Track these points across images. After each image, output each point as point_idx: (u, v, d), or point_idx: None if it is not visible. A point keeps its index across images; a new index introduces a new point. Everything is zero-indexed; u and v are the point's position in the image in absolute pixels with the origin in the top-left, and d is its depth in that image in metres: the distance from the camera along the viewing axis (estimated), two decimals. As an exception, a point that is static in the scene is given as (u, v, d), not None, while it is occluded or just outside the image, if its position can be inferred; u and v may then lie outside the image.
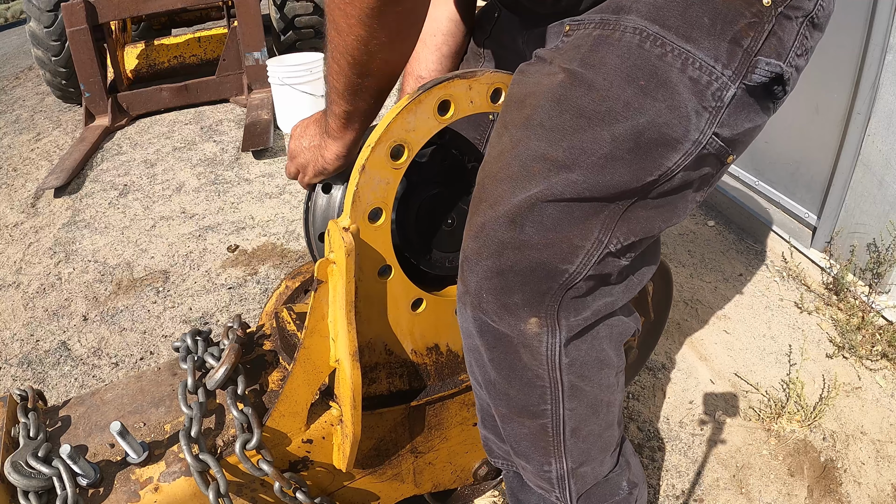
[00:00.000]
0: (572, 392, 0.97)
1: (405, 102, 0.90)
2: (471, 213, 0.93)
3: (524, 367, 0.93)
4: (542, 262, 0.87)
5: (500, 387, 0.97)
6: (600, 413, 1.02)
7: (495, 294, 0.90)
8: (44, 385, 2.40)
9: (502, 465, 1.13)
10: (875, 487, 1.79)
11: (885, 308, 2.30)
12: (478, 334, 0.95)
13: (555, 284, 0.89)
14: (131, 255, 3.23)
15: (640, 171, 0.83)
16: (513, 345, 0.92)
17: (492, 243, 0.88)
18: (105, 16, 4.74)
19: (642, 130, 0.81)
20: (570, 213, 0.85)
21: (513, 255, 0.87)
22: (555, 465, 1.01)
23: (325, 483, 1.16)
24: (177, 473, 0.98)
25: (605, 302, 0.96)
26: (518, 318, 0.90)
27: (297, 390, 1.02)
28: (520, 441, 1.02)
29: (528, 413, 0.98)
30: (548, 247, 0.86)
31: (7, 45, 10.18)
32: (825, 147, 2.52)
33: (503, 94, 0.98)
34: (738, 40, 0.81)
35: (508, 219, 0.86)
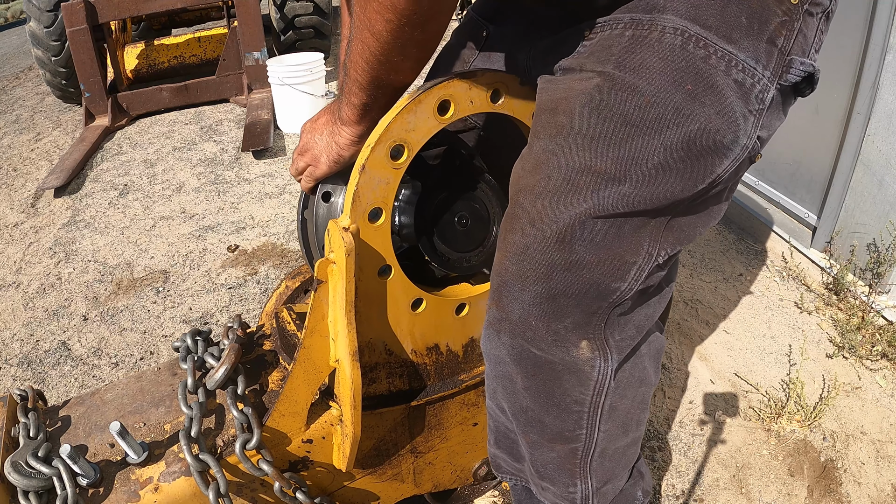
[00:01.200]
0: (610, 413, 0.94)
1: (405, 102, 0.90)
2: (505, 231, 0.87)
3: (564, 393, 0.89)
4: (594, 283, 0.83)
5: (534, 414, 0.93)
6: (630, 431, 1.00)
7: (545, 320, 0.85)
8: (44, 385, 2.40)
9: (510, 480, 1.11)
10: (875, 487, 1.79)
11: (885, 308, 2.29)
12: (514, 362, 0.90)
13: (604, 304, 0.85)
14: (131, 255, 3.23)
15: (691, 181, 0.80)
16: (556, 371, 0.88)
17: (539, 266, 0.82)
18: (105, 16, 4.74)
19: (694, 138, 0.78)
20: (619, 228, 0.81)
21: (564, 278, 0.82)
22: (580, 486, 0.99)
23: (325, 483, 1.16)
24: (177, 473, 0.98)
25: (645, 314, 0.93)
26: (569, 343, 0.86)
27: (297, 390, 1.02)
28: (546, 465, 0.99)
29: (561, 439, 0.94)
30: (599, 265, 0.82)
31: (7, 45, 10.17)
32: (825, 147, 2.51)
33: (503, 95, 0.98)
34: (773, 40, 0.79)
35: (556, 238, 0.81)
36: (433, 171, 1.09)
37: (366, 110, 0.92)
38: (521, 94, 1.00)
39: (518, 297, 0.85)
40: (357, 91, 0.89)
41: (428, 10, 0.76)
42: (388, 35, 0.78)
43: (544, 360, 0.87)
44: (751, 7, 0.78)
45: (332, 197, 1.10)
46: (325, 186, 1.09)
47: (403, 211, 1.06)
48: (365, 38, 0.80)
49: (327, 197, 1.10)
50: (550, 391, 0.90)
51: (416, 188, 1.06)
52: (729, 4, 0.77)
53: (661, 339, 1.04)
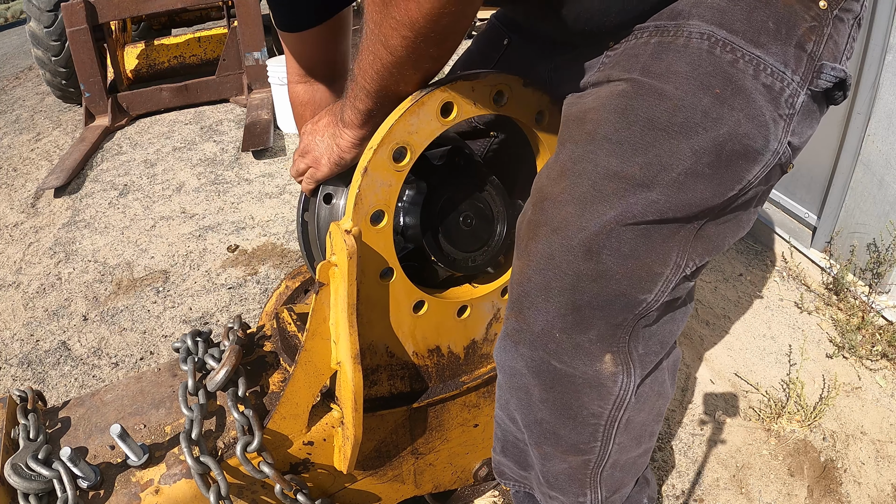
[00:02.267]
0: (626, 426, 0.92)
1: (408, 104, 0.89)
2: (527, 239, 0.84)
3: (581, 406, 0.87)
4: (620, 294, 0.80)
5: (549, 427, 0.91)
6: (643, 443, 0.99)
7: (569, 333, 0.82)
8: (44, 385, 2.40)
9: (513, 486, 1.10)
10: (875, 487, 1.79)
11: (885, 308, 2.30)
12: (532, 374, 0.88)
13: (630, 315, 0.83)
14: (131, 255, 3.23)
15: (721, 186, 0.78)
16: (576, 385, 0.86)
17: (565, 276, 0.80)
18: (105, 16, 4.74)
19: (723, 142, 0.76)
20: (648, 238, 0.79)
21: (590, 288, 0.80)
22: (589, 496, 0.98)
23: (325, 485, 1.16)
24: (177, 476, 0.98)
25: (669, 329, 0.91)
26: (593, 356, 0.84)
27: (299, 393, 1.02)
28: (557, 476, 0.97)
29: (575, 451, 0.93)
30: (627, 276, 0.79)
31: (7, 45, 10.17)
32: (825, 147, 2.51)
33: (506, 97, 0.98)
34: (802, 45, 0.78)
35: (584, 247, 0.78)
36: (438, 171, 1.08)
37: (370, 116, 0.92)
38: (525, 96, 1.00)
39: (542, 308, 0.83)
40: (363, 97, 0.89)
41: (445, 28, 0.74)
42: (402, 50, 0.77)
43: (565, 373, 0.85)
44: (778, 12, 0.77)
45: (333, 199, 1.09)
46: (326, 188, 1.09)
47: (408, 212, 1.06)
48: (378, 50, 0.79)
49: (329, 199, 1.10)
50: (568, 404, 0.88)
51: (420, 188, 1.05)
52: (756, 9, 0.77)
53: (678, 351, 1.02)
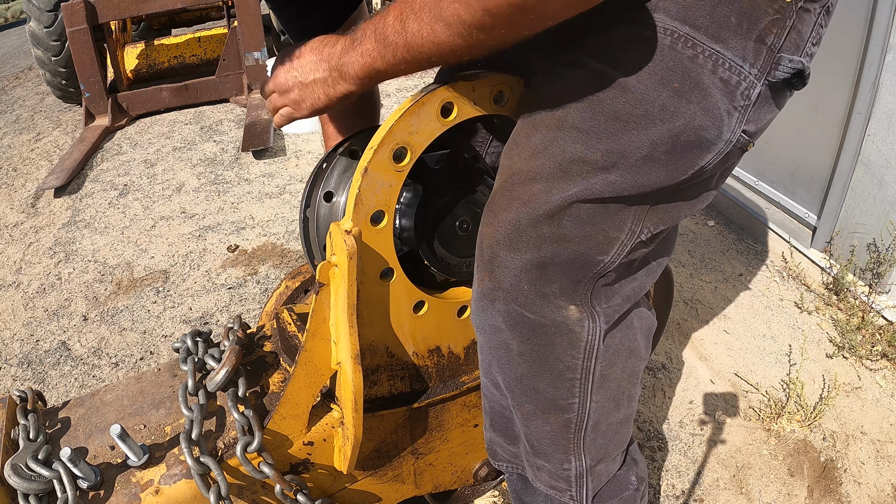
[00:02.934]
0: (601, 382, 0.98)
1: (408, 105, 0.89)
2: (496, 210, 0.92)
3: (557, 358, 0.94)
4: (580, 254, 0.89)
5: (528, 382, 0.97)
6: (621, 406, 1.04)
7: (534, 284, 0.90)
8: (44, 385, 2.40)
9: (506, 468, 1.13)
10: (875, 487, 1.79)
11: (885, 308, 2.30)
12: (510, 328, 0.94)
13: (589, 273, 0.91)
14: (131, 255, 3.23)
15: (675, 171, 0.86)
16: (549, 335, 0.93)
17: (529, 238, 0.89)
18: (105, 16, 4.74)
19: (679, 133, 0.83)
20: (605, 209, 0.88)
21: (552, 248, 0.88)
22: (574, 463, 1.03)
23: (326, 485, 1.16)
24: (177, 476, 0.98)
25: (631, 287, 0.98)
26: (558, 306, 0.92)
27: (299, 393, 1.02)
28: (541, 439, 1.02)
29: (555, 408, 0.98)
30: (585, 239, 0.88)
31: (7, 45, 10.16)
32: (825, 147, 2.51)
33: (506, 97, 0.98)
34: (762, 38, 0.82)
35: (547, 215, 0.87)
36: (435, 175, 1.08)
37: (379, 75, 0.88)
38: (525, 97, 1.00)
39: (510, 266, 0.91)
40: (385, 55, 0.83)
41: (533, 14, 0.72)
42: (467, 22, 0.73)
43: (537, 322, 0.92)
44: (741, 7, 0.80)
45: (334, 197, 1.09)
46: (327, 186, 1.09)
47: (404, 214, 1.06)
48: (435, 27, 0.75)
49: (329, 197, 1.09)
50: (544, 356, 0.95)
51: (417, 191, 1.05)
52: (719, 5, 0.80)
53: (653, 319, 1.08)
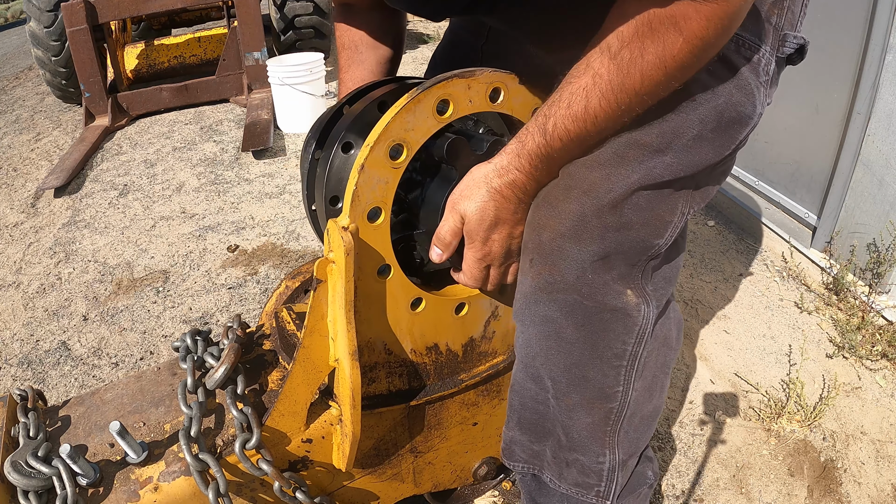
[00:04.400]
0: (642, 369, 1.03)
1: (404, 102, 0.90)
2: (554, 201, 0.94)
3: (608, 344, 0.98)
4: (639, 240, 0.94)
5: (578, 371, 1.00)
6: (654, 397, 1.08)
7: (598, 273, 0.94)
8: (44, 385, 2.40)
9: (521, 469, 1.14)
10: (875, 487, 1.79)
11: (885, 308, 2.29)
12: (565, 316, 0.97)
13: (644, 257, 0.97)
14: (131, 255, 3.23)
15: (720, 148, 0.92)
16: (604, 321, 0.97)
17: (594, 228, 0.92)
18: (105, 16, 4.74)
19: (722, 110, 0.89)
20: (661, 193, 0.93)
21: (615, 237, 0.93)
22: (608, 457, 1.06)
23: (324, 482, 1.16)
24: (176, 473, 0.98)
25: (670, 269, 1.05)
26: (618, 292, 0.96)
27: (297, 390, 1.02)
28: (581, 431, 1.04)
29: (601, 396, 1.01)
30: (644, 225, 0.94)
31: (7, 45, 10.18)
32: (825, 147, 2.51)
33: (502, 94, 0.98)
34: (768, 18, 0.90)
35: (611, 205, 0.91)
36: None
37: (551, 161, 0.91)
38: (521, 93, 1.00)
39: (576, 258, 0.94)
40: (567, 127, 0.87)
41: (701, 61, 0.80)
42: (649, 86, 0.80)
43: (595, 309, 0.96)
44: None
45: (352, 149, 1.04)
46: (348, 136, 1.04)
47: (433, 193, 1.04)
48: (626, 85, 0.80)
49: (348, 148, 1.04)
50: (597, 342, 0.98)
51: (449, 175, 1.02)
52: None
53: (680, 315, 1.16)
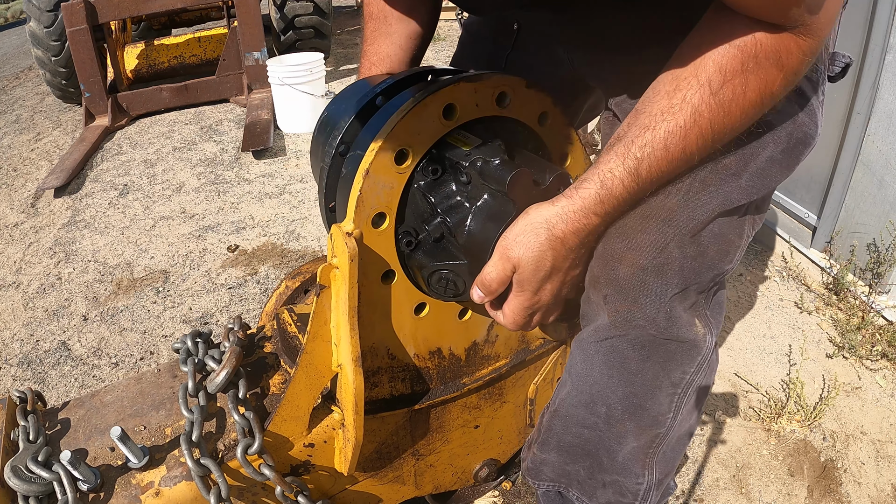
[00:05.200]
0: (692, 395, 1.00)
1: (410, 106, 0.89)
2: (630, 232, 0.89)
3: (668, 374, 0.95)
4: (712, 267, 0.91)
5: (636, 400, 0.97)
6: (692, 419, 1.05)
7: (675, 306, 0.90)
8: (44, 385, 2.40)
9: (546, 486, 1.11)
10: (875, 487, 1.79)
11: (885, 308, 2.30)
12: (634, 348, 0.93)
13: (713, 283, 0.94)
14: (131, 255, 3.23)
15: (787, 169, 0.89)
16: (670, 352, 0.93)
17: (675, 260, 0.88)
18: (105, 16, 4.74)
19: (791, 132, 0.87)
20: (732, 219, 0.90)
21: (693, 267, 0.89)
22: (647, 478, 1.03)
23: (326, 486, 1.16)
24: (178, 478, 0.98)
25: (723, 293, 1.01)
26: (690, 323, 0.93)
27: (299, 395, 1.02)
28: (626, 455, 1.02)
29: (653, 424, 0.98)
30: (718, 252, 0.90)
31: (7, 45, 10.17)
32: (825, 147, 2.51)
33: (509, 98, 0.98)
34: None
35: (692, 234, 0.87)
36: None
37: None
38: (528, 98, 1.00)
39: (658, 293, 0.89)
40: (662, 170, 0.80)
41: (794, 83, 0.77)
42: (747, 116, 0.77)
43: (666, 341, 0.92)
44: None
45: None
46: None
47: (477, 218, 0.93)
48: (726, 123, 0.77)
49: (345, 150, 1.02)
50: (659, 372, 0.95)
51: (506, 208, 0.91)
52: None
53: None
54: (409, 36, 1.25)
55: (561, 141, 1.07)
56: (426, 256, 0.97)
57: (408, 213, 0.96)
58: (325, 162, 1.05)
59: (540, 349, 1.28)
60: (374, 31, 1.25)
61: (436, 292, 0.99)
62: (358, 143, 1.01)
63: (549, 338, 1.27)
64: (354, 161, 0.96)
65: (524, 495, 1.76)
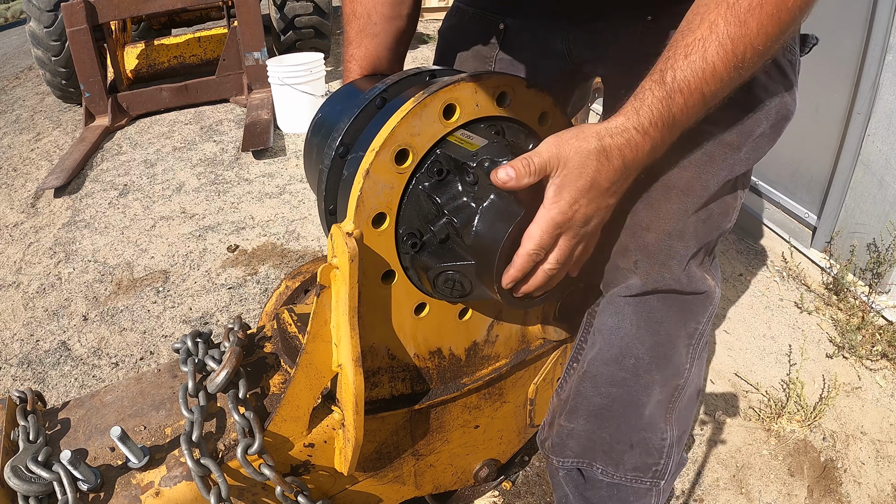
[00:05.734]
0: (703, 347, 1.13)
1: (410, 106, 0.89)
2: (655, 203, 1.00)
3: (687, 324, 1.08)
4: (718, 227, 1.05)
5: (662, 350, 1.09)
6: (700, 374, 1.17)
7: (693, 265, 1.04)
8: (44, 385, 2.40)
9: (569, 465, 1.17)
10: (875, 487, 1.79)
11: (885, 308, 2.30)
12: (663, 304, 1.06)
13: (716, 242, 1.09)
14: (131, 255, 3.23)
15: (772, 142, 1.03)
16: (688, 302, 1.06)
17: (694, 224, 1.02)
18: (105, 16, 4.74)
19: (778, 109, 1.00)
20: (732, 185, 1.04)
21: (706, 229, 1.04)
22: (669, 434, 1.13)
23: (326, 486, 1.16)
24: (178, 478, 0.98)
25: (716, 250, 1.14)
26: (703, 278, 1.07)
27: (300, 395, 1.02)
28: (651, 409, 1.11)
29: (675, 374, 1.10)
30: (722, 215, 1.05)
31: (7, 45, 10.17)
32: (825, 147, 2.51)
33: (509, 98, 0.98)
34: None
35: (707, 201, 1.01)
36: None
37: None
38: (528, 97, 0.99)
39: (682, 254, 1.03)
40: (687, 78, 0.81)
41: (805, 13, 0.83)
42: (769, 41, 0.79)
43: (686, 296, 1.06)
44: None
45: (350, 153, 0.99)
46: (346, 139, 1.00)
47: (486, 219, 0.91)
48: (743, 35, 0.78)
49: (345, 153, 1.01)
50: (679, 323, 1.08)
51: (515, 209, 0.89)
52: None
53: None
54: (395, 36, 1.26)
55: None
56: (432, 257, 0.97)
57: (412, 214, 0.96)
58: (324, 164, 1.04)
59: (540, 349, 1.28)
60: (359, 31, 1.25)
61: (442, 293, 0.99)
62: (359, 145, 1.00)
63: (549, 338, 1.28)
64: (356, 163, 0.95)
65: (524, 495, 1.76)
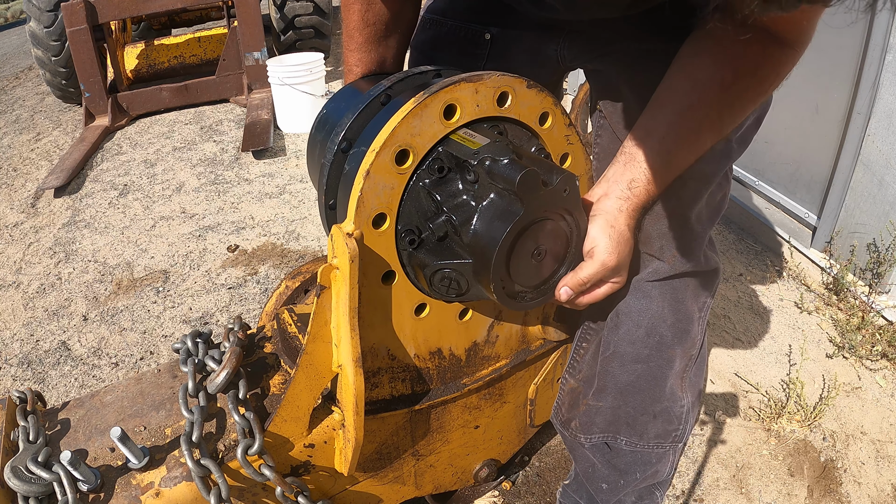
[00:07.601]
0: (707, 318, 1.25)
1: (410, 106, 0.89)
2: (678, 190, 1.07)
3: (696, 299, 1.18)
4: (720, 210, 1.17)
5: (682, 325, 1.18)
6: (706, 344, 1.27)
7: (707, 245, 1.17)
8: (44, 385, 2.40)
9: (594, 440, 1.26)
10: (875, 487, 1.79)
11: (885, 308, 2.29)
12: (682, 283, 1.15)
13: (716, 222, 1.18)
14: (131, 255, 3.23)
15: (755, 131, 1.15)
16: (701, 280, 1.18)
17: (708, 207, 1.13)
18: (105, 16, 4.74)
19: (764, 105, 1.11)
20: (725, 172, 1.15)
21: (711, 214, 1.15)
22: (685, 400, 1.23)
23: (326, 486, 1.16)
24: (178, 478, 0.98)
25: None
26: (713, 256, 1.18)
27: (300, 395, 1.02)
28: (672, 380, 1.20)
29: (692, 345, 1.20)
30: (722, 198, 1.17)
31: (7, 45, 10.17)
32: (825, 147, 2.51)
33: (510, 98, 0.97)
34: None
35: (712, 189, 1.12)
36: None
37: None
38: (529, 98, 0.99)
39: (702, 237, 1.15)
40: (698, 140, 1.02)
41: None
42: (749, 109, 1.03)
43: (700, 273, 1.17)
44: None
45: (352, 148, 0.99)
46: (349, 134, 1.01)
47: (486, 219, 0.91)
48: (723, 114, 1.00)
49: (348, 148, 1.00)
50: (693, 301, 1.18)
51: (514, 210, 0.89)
52: None
53: None
54: (401, 42, 1.34)
55: (561, 141, 1.07)
56: (429, 255, 0.96)
57: (411, 210, 0.96)
58: (325, 158, 1.04)
59: (540, 349, 1.28)
60: (371, 36, 1.29)
61: (438, 292, 0.99)
62: (362, 140, 1.00)
63: (549, 338, 1.28)
64: (357, 158, 0.95)
65: (524, 495, 1.76)
